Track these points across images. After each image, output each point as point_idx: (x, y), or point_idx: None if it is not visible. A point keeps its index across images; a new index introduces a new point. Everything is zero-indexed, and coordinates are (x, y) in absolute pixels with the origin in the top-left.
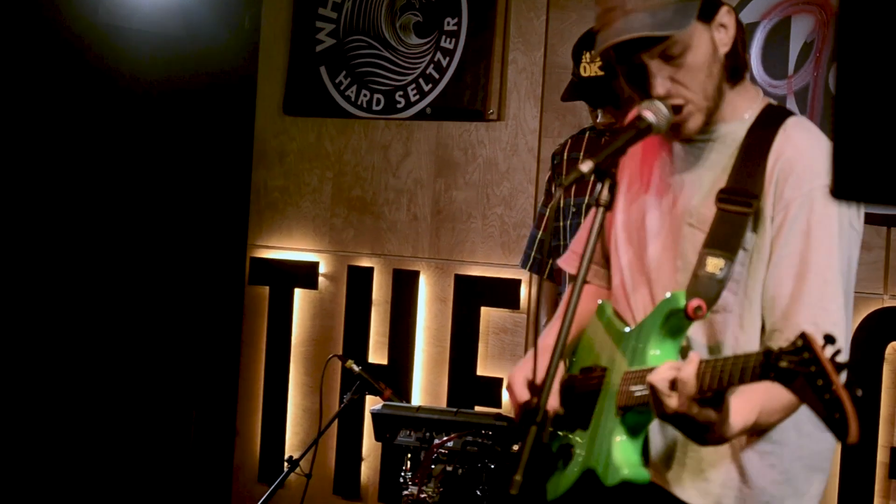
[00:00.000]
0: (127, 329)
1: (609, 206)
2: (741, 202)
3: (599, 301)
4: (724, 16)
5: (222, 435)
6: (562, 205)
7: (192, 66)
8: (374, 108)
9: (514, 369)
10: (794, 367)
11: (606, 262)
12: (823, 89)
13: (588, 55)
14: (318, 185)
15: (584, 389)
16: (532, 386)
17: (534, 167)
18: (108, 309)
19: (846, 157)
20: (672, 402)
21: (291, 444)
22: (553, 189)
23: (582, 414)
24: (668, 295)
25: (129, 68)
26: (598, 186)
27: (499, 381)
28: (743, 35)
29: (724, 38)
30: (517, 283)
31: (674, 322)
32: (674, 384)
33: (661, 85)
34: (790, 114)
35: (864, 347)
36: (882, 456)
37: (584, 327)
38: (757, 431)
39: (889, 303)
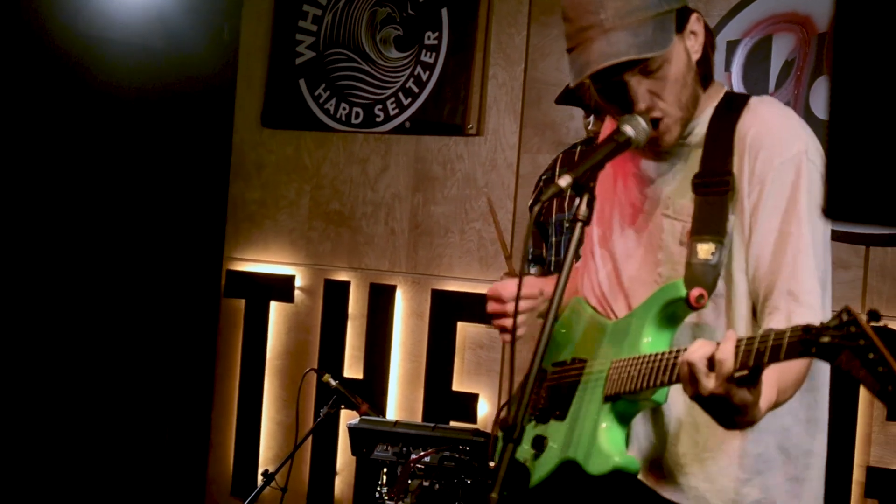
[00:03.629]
0: (101, 340)
1: (588, 220)
2: (717, 182)
3: (574, 297)
4: (695, 23)
5: (196, 447)
6: (553, 220)
7: (171, 76)
8: (353, 121)
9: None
10: (840, 341)
11: None
12: (804, 107)
13: None
14: (296, 198)
15: (559, 381)
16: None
17: (512, 182)
18: (83, 319)
19: (839, 178)
20: (710, 382)
21: (265, 458)
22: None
23: (556, 406)
24: (666, 284)
25: (107, 78)
26: (577, 201)
27: (475, 396)
28: (711, 39)
29: (695, 46)
30: None
31: (672, 310)
32: (711, 363)
33: (642, 100)
34: (751, 96)
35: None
36: (858, 475)
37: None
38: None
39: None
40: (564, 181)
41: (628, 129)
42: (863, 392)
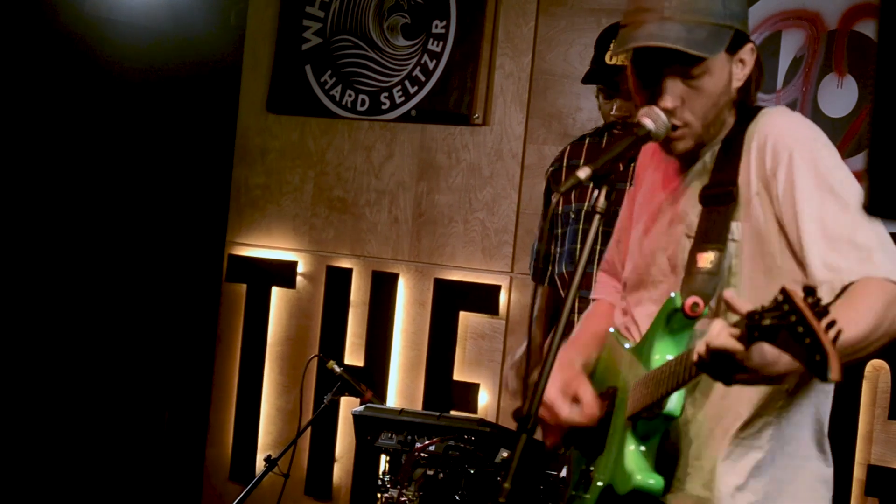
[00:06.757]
0: (102, 323)
1: (605, 213)
2: (721, 192)
3: (611, 329)
4: (747, 52)
5: (195, 432)
6: (560, 211)
7: (177, 60)
8: (359, 108)
9: (550, 388)
10: (777, 321)
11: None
12: (812, 105)
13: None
14: (300, 184)
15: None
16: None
17: (517, 173)
18: (84, 303)
19: (881, 175)
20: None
21: (264, 444)
22: (550, 196)
23: (599, 439)
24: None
25: (114, 60)
26: (596, 193)
27: (475, 386)
28: (759, 76)
29: (739, 74)
30: (497, 288)
31: (675, 324)
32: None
33: (669, 100)
34: (762, 107)
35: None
36: (859, 473)
37: (601, 351)
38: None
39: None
40: (583, 173)
41: (648, 123)
42: (864, 390)
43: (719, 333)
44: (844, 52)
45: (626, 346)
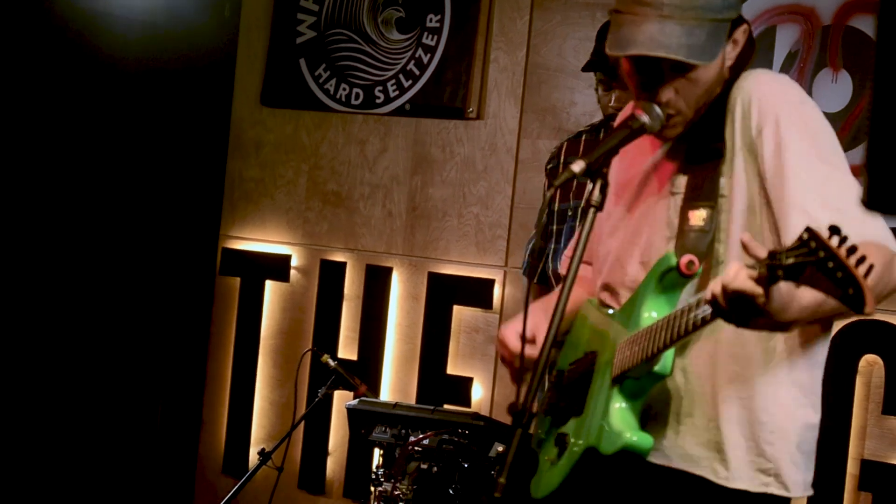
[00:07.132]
0: (94, 316)
1: (600, 206)
2: (707, 150)
3: (586, 298)
4: (740, 33)
5: (188, 425)
6: (556, 208)
7: (171, 52)
8: (353, 102)
9: (505, 326)
10: (803, 259)
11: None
12: None
13: None
14: (294, 177)
15: (574, 377)
16: (523, 339)
17: (511, 167)
18: (76, 296)
19: (879, 170)
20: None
21: (258, 437)
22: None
23: (575, 403)
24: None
25: (108, 53)
26: (590, 187)
27: (469, 380)
28: (751, 52)
29: (731, 54)
30: (490, 282)
31: (668, 282)
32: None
33: (665, 94)
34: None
35: (837, 360)
36: (852, 468)
37: (571, 324)
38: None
39: (862, 316)
40: (578, 166)
41: (643, 116)
42: (858, 385)
43: (737, 275)
44: (839, 47)
45: (610, 311)
